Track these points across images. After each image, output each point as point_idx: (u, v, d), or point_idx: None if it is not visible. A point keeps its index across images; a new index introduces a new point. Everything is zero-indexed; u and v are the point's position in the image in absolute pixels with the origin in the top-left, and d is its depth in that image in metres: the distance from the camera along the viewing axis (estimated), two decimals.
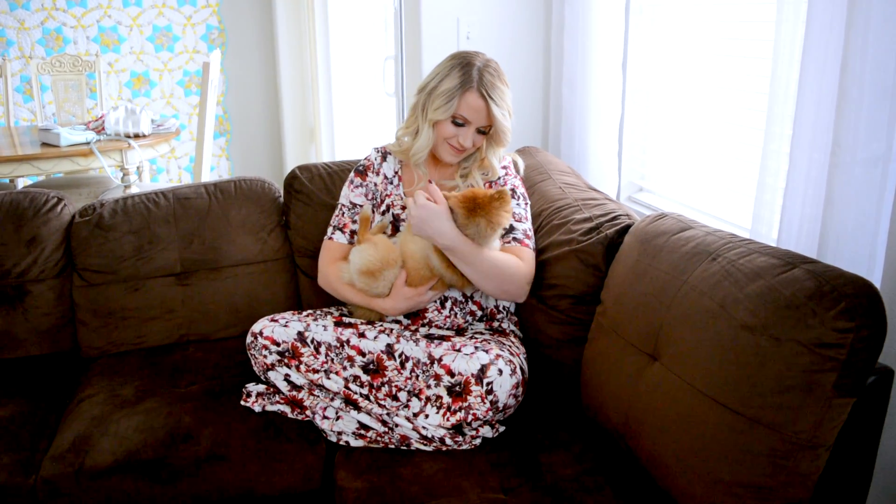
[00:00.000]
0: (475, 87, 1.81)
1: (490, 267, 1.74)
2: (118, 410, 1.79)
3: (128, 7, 4.80)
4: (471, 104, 1.82)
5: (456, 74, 1.82)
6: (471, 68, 1.82)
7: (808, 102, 1.48)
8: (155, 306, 2.13)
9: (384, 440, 1.69)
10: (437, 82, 1.85)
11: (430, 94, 1.86)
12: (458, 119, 1.84)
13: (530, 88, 2.75)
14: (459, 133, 1.85)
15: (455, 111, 1.82)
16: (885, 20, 1.34)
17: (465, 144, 1.86)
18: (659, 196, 2.41)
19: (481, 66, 1.83)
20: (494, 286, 1.77)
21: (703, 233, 1.53)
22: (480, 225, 1.70)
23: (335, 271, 1.93)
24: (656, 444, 1.43)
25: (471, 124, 1.85)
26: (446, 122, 1.85)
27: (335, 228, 1.99)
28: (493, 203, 1.71)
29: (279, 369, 1.78)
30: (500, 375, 1.59)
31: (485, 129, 1.87)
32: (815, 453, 1.22)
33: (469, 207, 1.70)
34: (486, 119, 1.84)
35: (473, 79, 1.81)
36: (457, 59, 1.85)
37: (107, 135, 3.45)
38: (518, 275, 1.77)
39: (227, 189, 2.23)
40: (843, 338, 1.18)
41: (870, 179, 1.42)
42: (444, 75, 1.84)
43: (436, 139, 1.89)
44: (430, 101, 1.85)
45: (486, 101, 1.81)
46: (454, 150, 1.89)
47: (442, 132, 1.86)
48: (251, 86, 5.06)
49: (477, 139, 1.88)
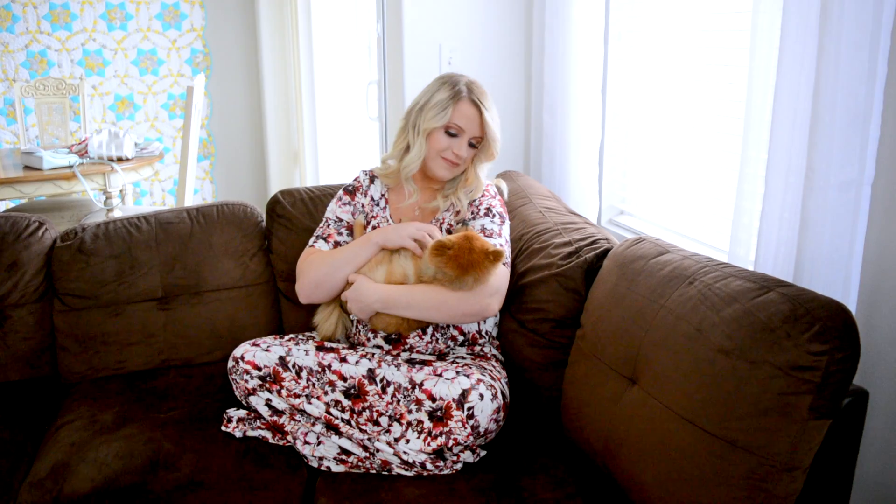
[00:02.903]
0: (466, 96, 1.87)
1: (430, 297, 1.76)
2: (98, 436, 1.78)
3: (112, 31, 4.81)
4: (464, 112, 1.87)
5: (446, 88, 1.89)
6: (459, 83, 1.90)
7: (782, 127, 1.51)
8: (136, 331, 2.12)
9: (365, 465, 1.68)
10: (427, 97, 1.90)
11: (421, 110, 1.90)
12: (452, 129, 1.88)
13: (512, 114, 2.78)
14: (453, 144, 1.89)
15: (449, 119, 1.87)
16: (855, 47, 1.37)
17: (461, 153, 1.89)
18: (640, 219, 2.43)
19: (468, 81, 1.91)
20: (450, 312, 1.77)
21: (680, 257, 1.55)
22: (468, 283, 1.73)
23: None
24: (635, 467, 1.43)
25: (464, 134, 1.88)
26: (440, 133, 1.88)
27: (318, 238, 1.99)
28: (485, 262, 1.71)
29: (260, 394, 1.77)
30: (482, 400, 1.59)
31: (475, 142, 1.90)
32: (792, 475, 1.23)
33: (462, 265, 1.71)
34: (479, 129, 1.89)
35: (463, 91, 1.88)
36: (444, 78, 1.93)
37: (90, 158, 3.45)
38: (465, 293, 1.77)
39: (209, 213, 2.23)
40: (818, 360, 1.20)
41: (844, 203, 1.45)
42: (433, 91, 1.90)
43: (428, 154, 1.91)
44: (423, 115, 1.89)
45: (479, 108, 1.87)
46: (449, 163, 1.91)
47: (435, 145, 1.89)
48: (235, 109, 5.08)
49: (469, 153, 1.91)
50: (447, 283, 1.75)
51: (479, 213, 1.91)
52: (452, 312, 1.77)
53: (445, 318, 1.79)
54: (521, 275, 1.89)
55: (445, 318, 1.79)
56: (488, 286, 1.76)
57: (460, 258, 1.70)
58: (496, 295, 1.79)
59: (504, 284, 1.82)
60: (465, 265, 1.70)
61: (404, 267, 1.83)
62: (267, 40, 4.72)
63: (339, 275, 1.88)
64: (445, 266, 1.71)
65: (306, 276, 1.93)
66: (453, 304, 1.76)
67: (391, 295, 1.79)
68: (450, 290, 1.75)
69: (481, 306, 1.76)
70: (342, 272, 1.88)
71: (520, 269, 1.91)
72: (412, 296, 1.78)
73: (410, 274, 1.82)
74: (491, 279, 1.75)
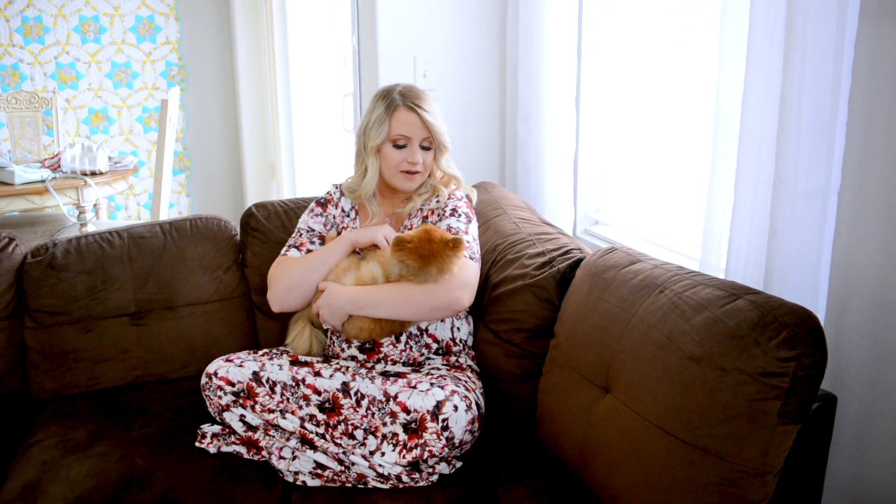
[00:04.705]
0: (401, 104, 1.91)
1: (398, 293, 1.78)
2: (69, 455, 1.76)
3: (86, 44, 4.78)
4: (403, 120, 1.90)
5: (381, 103, 1.93)
6: (392, 93, 1.93)
7: (750, 137, 1.53)
8: (109, 347, 2.10)
9: (341, 479, 1.67)
10: (368, 118, 1.95)
11: (365, 131, 1.95)
12: (398, 140, 1.91)
13: (487, 125, 2.80)
14: (406, 154, 1.92)
15: (390, 131, 1.90)
16: (820, 58, 1.40)
17: (416, 160, 1.92)
18: (614, 229, 2.44)
19: (401, 88, 1.95)
20: (419, 307, 1.78)
21: (652, 265, 1.56)
22: (432, 273, 1.75)
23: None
24: (609, 475, 1.44)
25: (412, 141, 1.91)
26: (388, 148, 1.92)
27: (291, 247, 2.00)
28: (446, 251, 1.74)
29: (234, 410, 1.76)
30: (456, 412, 1.59)
31: (427, 144, 1.93)
32: (762, 480, 1.24)
33: (423, 256, 1.73)
34: (423, 129, 1.91)
35: (397, 100, 1.92)
36: (380, 94, 1.97)
37: (63, 172, 3.41)
38: (432, 285, 1.78)
39: (182, 227, 2.22)
40: (786, 366, 1.21)
41: (811, 211, 1.47)
42: (372, 109, 1.95)
43: (386, 172, 1.95)
44: (367, 135, 1.94)
45: (416, 111, 1.90)
46: (408, 175, 1.94)
47: (389, 161, 1.93)
48: (211, 122, 5.06)
49: (425, 157, 1.94)
50: (413, 278, 1.77)
51: (444, 215, 1.93)
52: (421, 307, 1.78)
53: (416, 314, 1.80)
54: (494, 285, 1.90)
55: (416, 314, 1.80)
56: (455, 279, 1.77)
57: (421, 249, 1.73)
58: (465, 288, 1.79)
59: (473, 278, 1.83)
60: (426, 255, 1.73)
61: (373, 271, 1.84)
62: (243, 53, 4.71)
63: (313, 277, 1.89)
64: (407, 258, 1.74)
65: (279, 281, 1.93)
66: (421, 298, 1.77)
67: (360, 294, 1.80)
68: (416, 284, 1.77)
69: (450, 299, 1.77)
70: (316, 274, 1.89)
71: (494, 280, 1.91)
72: (380, 294, 1.80)
73: (379, 276, 1.84)
74: (456, 270, 1.76)
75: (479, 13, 2.70)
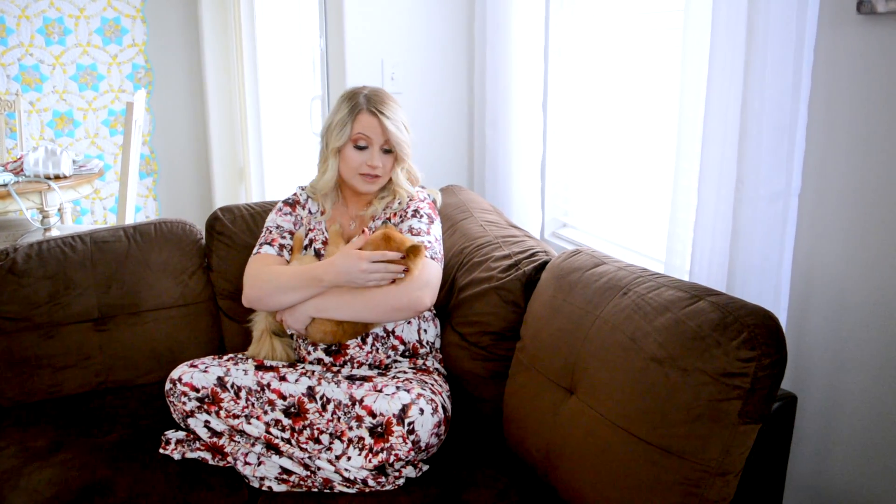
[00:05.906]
0: (364, 107, 1.91)
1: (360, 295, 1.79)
2: (30, 463, 1.72)
3: (50, 45, 4.70)
4: (364, 123, 1.90)
5: (346, 105, 1.93)
6: (357, 96, 1.93)
7: (713, 140, 1.55)
8: (71, 353, 2.07)
9: (307, 484, 1.66)
10: (331, 119, 1.95)
11: (328, 131, 1.95)
12: (360, 141, 1.91)
13: (455, 128, 2.80)
14: (365, 157, 1.91)
15: (351, 133, 1.90)
16: (780, 62, 1.42)
17: (375, 163, 1.91)
18: (582, 231, 2.46)
19: (367, 92, 1.95)
20: (380, 308, 1.79)
21: (615, 268, 1.57)
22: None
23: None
24: (574, 477, 1.44)
25: (372, 144, 1.91)
26: (349, 149, 1.92)
27: (263, 244, 1.97)
28: (405, 260, 1.76)
29: (199, 416, 1.74)
30: (422, 415, 1.59)
31: (389, 148, 1.93)
32: (724, 479, 1.25)
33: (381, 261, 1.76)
34: (383, 134, 1.91)
35: (361, 103, 1.92)
36: (344, 95, 1.97)
37: (25, 176, 3.36)
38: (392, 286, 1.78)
39: (146, 231, 2.19)
40: (746, 367, 1.22)
41: (773, 214, 1.49)
42: (335, 111, 1.96)
43: (347, 173, 1.94)
44: (330, 135, 1.94)
45: (377, 116, 1.90)
46: (367, 177, 1.93)
47: (349, 162, 1.92)
48: (179, 125, 5.00)
49: (385, 160, 1.93)
50: None
51: (406, 216, 1.93)
52: (382, 307, 1.78)
53: (378, 315, 1.80)
54: (461, 288, 1.90)
55: (378, 315, 1.80)
56: (416, 279, 1.77)
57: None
58: (426, 288, 1.79)
59: (434, 278, 1.83)
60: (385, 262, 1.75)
61: None
62: (210, 56, 4.66)
63: (284, 299, 1.85)
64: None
65: (253, 288, 1.89)
66: (381, 299, 1.77)
67: (322, 298, 1.81)
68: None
69: (410, 299, 1.77)
70: (288, 299, 1.84)
71: (460, 283, 1.91)
72: (341, 296, 1.80)
73: None
74: (416, 272, 1.77)
75: (446, 16, 2.71)
